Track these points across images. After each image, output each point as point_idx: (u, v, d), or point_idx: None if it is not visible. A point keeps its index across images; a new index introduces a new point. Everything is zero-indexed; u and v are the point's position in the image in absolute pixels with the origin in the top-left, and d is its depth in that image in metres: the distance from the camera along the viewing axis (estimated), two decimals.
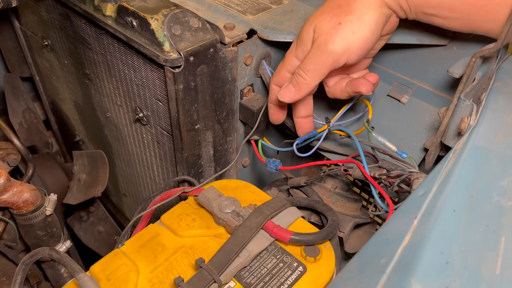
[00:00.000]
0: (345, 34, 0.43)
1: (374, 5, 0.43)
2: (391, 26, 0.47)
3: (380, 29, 0.44)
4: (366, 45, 0.44)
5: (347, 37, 0.43)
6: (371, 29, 0.43)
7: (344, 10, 0.43)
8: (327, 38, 0.44)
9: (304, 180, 0.60)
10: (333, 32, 0.43)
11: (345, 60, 0.45)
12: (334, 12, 0.44)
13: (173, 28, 0.50)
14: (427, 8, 0.43)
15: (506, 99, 0.42)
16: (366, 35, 0.43)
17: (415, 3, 0.43)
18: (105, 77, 0.68)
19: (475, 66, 0.43)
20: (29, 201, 0.60)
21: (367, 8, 0.43)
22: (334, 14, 0.43)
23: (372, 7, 0.43)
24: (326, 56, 0.44)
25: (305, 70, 0.46)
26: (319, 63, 0.45)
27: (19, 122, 0.92)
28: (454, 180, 0.36)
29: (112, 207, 0.99)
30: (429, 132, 0.54)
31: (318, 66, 0.45)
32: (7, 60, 0.98)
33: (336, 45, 0.43)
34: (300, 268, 0.45)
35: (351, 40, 0.43)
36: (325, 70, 0.45)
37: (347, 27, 0.43)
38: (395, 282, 0.29)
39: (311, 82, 0.46)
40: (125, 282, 0.44)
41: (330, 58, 0.44)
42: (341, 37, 0.43)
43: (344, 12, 0.43)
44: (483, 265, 0.30)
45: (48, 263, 0.71)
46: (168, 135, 0.61)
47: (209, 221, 0.51)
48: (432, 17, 0.44)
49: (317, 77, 0.46)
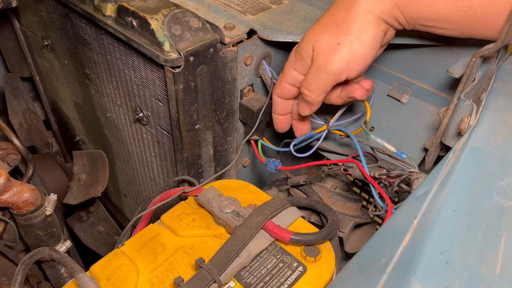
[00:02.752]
0: (344, 54, 0.44)
1: (371, 24, 0.43)
2: (388, 38, 0.48)
3: (378, 46, 0.45)
4: (365, 62, 0.45)
5: (346, 57, 0.44)
6: (369, 48, 0.44)
7: (342, 30, 0.44)
8: (327, 59, 0.45)
9: (303, 179, 0.60)
10: (333, 52, 0.44)
11: (345, 77, 0.46)
12: (333, 31, 0.44)
13: (173, 28, 0.50)
14: (424, 21, 0.43)
15: (506, 99, 0.42)
16: (365, 54, 0.44)
17: (412, 17, 0.43)
18: (105, 77, 0.68)
19: (475, 66, 0.43)
20: (29, 201, 0.60)
21: (365, 27, 0.43)
22: (333, 33, 0.44)
23: (369, 26, 0.43)
24: (327, 76, 0.46)
25: (309, 89, 0.48)
26: (321, 82, 0.46)
27: (19, 122, 0.92)
28: (454, 180, 0.36)
29: (112, 207, 0.99)
30: (429, 132, 0.54)
31: (321, 85, 0.47)
32: (7, 60, 0.98)
33: (336, 65, 0.45)
34: (300, 268, 0.45)
35: (350, 59, 0.44)
36: (327, 87, 0.47)
37: (346, 47, 0.44)
38: (395, 282, 0.29)
39: (317, 98, 0.49)
40: (125, 282, 0.44)
41: (331, 77, 0.46)
42: (341, 57, 0.44)
43: (343, 32, 0.44)
44: (483, 265, 0.30)
45: (48, 263, 0.71)
46: (168, 135, 0.61)
47: (209, 221, 0.51)
48: (431, 28, 0.44)
49: (322, 94, 0.48)
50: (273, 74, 0.59)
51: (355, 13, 0.43)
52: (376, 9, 0.43)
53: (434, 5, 0.41)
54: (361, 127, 0.55)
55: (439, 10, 0.42)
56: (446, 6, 0.41)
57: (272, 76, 0.59)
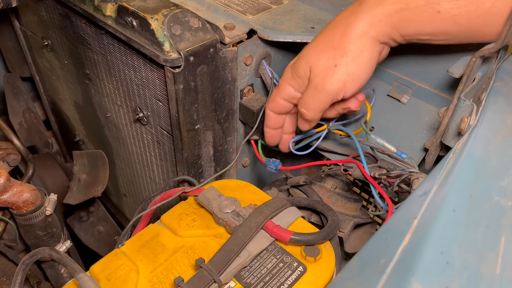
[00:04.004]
0: (341, 76, 0.45)
1: (367, 46, 0.44)
2: (384, 56, 0.48)
3: (373, 66, 0.46)
4: (361, 83, 0.46)
5: (343, 78, 0.45)
6: (365, 69, 0.45)
7: (339, 52, 0.45)
8: (324, 80, 0.46)
9: (303, 179, 0.60)
10: (330, 74, 0.46)
11: (342, 96, 0.47)
12: (329, 53, 0.45)
13: (173, 28, 0.50)
14: (421, 36, 0.44)
15: (506, 99, 0.42)
16: (361, 75, 0.46)
17: (409, 34, 0.44)
18: (105, 77, 0.68)
19: (475, 66, 0.43)
20: (29, 201, 0.60)
21: (361, 50, 0.44)
22: (330, 55, 0.45)
23: (365, 48, 0.44)
24: (324, 96, 0.47)
25: (307, 108, 0.49)
26: (319, 101, 0.48)
27: (19, 122, 0.92)
28: (454, 180, 0.36)
29: (112, 207, 0.99)
30: (429, 132, 0.54)
31: (319, 104, 0.48)
32: (7, 60, 0.98)
33: (334, 86, 0.46)
34: (300, 268, 0.45)
35: (347, 80, 0.45)
36: (325, 106, 0.49)
37: (342, 69, 0.45)
38: (395, 282, 0.29)
39: (315, 117, 0.50)
40: (125, 282, 0.44)
41: (328, 97, 0.47)
42: (338, 78, 0.45)
43: (339, 54, 0.45)
44: (483, 265, 0.30)
45: (48, 263, 0.71)
46: (168, 135, 0.61)
47: (209, 221, 0.51)
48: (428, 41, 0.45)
49: (319, 113, 0.50)
50: (273, 74, 0.59)
51: (351, 35, 0.44)
52: (371, 31, 0.44)
53: (432, 21, 0.42)
54: (361, 127, 0.55)
55: (437, 25, 0.42)
56: (444, 22, 0.41)
57: (272, 76, 0.59)
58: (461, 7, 0.40)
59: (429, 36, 0.43)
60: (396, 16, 0.42)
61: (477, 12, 0.40)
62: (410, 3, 0.41)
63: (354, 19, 0.44)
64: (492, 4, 0.39)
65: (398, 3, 0.42)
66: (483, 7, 0.39)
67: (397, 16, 0.42)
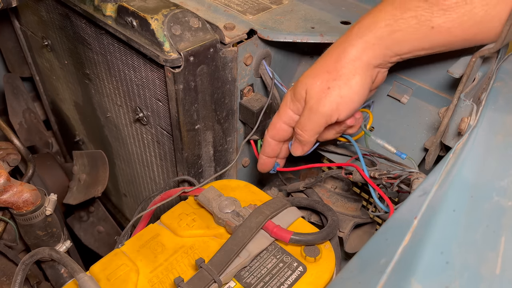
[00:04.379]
0: (334, 98, 0.46)
1: (360, 70, 0.45)
2: (380, 79, 0.49)
3: (366, 90, 0.47)
4: (354, 106, 0.47)
5: (335, 100, 0.47)
6: (358, 93, 0.46)
7: (332, 75, 0.46)
8: (318, 101, 0.47)
9: (302, 185, 0.60)
10: (323, 96, 0.47)
11: (336, 118, 0.48)
12: (324, 77, 0.47)
13: (173, 28, 0.50)
14: (419, 52, 0.44)
15: (506, 99, 0.42)
16: (353, 98, 0.46)
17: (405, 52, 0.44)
18: (105, 77, 0.68)
19: (475, 66, 0.43)
20: (29, 201, 0.60)
21: (353, 73, 0.45)
22: (324, 79, 0.47)
23: (358, 72, 0.45)
24: (319, 117, 0.48)
25: (303, 130, 0.50)
26: (314, 123, 0.49)
27: (19, 122, 0.92)
28: (454, 180, 0.36)
29: (112, 207, 0.99)
30: (429, 132, 0.54)
31: (314, 126, 0.49)
32: (7, 60, 0.98)
33: (327, 108, 0.47)
34: (300, 268, 0.45)
35: (339, 103, 0.47)
36: (320, 128, 0.50)
37: (335, 92, 0.46)
38: (395, 282, 0.29)
39: (310, 139, 0.51)
40: (125, 282, 0.44)
41: (322, 119, 0.48)
42: (330, 100, 0.47)
43: (332, 77, 0.46)
44: (483, 265, 0.30)
45: (48, 263, 0.71)
46: (168, 135, 0.61)
47: (209, 221, 0.51)
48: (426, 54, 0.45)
49: (314, 135, 0.51)
50: (273, 74, 0.59)
51: (345, 60, 0.45)
52: (364, 56, 0.45)
53: (427, 37, 0.42)
54: (362, 131, 0.55)
55: (433, 40, 0.42)
56: (439, 35, 0.41)
57: (272, 76, 0.59)
58: (454, 19, 0.40)
59: (426, 51, 0.44)
60: (389, 38, 0.43)
61: (471, 22, 0.40)
62: (402, 24, 0.42)
63: (348, 44, 0.46)
64: (485, 13, 0.39)
65: (389, 26, 0.43)
66: (476, 17, 0.39)
67: (390, 38, 0.43)
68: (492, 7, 0.39)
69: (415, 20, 0.41)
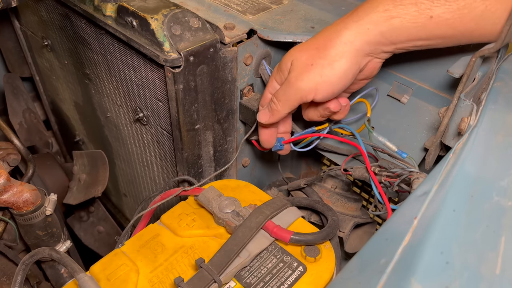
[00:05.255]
0: (314, 76, 0.46)
1: (348, 54, 0.44)
2: (370, 71, 0.48)
3: (350, 76, 0.46)
4: (332, 89, 0.46)
5: (315, 79, 0.46)
6: (339, 77, 0.45)
7: (319, 53, 0.45)
8: (297, 75, 0.47)
9: (304, 182, 0.60)
10: (305, 71, 0.46)
11: (312, 98, 0.47)
12: (311, 52, 0.46)
13: (173, 28, 0.50)
14: (415, 42, 0.43)
15: (506, 99, 0.42)
16: (333, 81, 0.45)
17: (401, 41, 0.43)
18: (105, 77, 0.68)
19: (475, 66, 0.43)
20: (29, 201, 0.60)
21: (340, 56, 0.44)
22: (310, 54, 0.46)
23: (345, 56, 0.44)
24: (294, 91, 0.47)
25: (277, 99, 0.50)
26: (288, 96, 0.48)
27: (19, 122, 0.92)
28: (454, 180, 0.36)
29: (112, 207, 0.99)
30: (429, 132, 0.54)
31: (287, 98, 0.48)
32: (7, 60, 0.98)
33: (304, 84, 0.46)
34: (300, 268, 0.45)
35: (318, 82, 0.46)
36: (294, 103, 0.49)
37: (316, 70, 0.45)
38: (395, 282, 0.29)
39: (281, 110, 0.50)
40: (125, 282, 0.44)
41: (298, 94, 0.47)
42: (310, 77, 0.46)
43: (318, 55, 0.45)
44: (483, 265, 0.30)
45: (48, 263, 0.71)
46: (168, 135, 0.61)
47: (209, 221, 0.51)
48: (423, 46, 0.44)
49: (287, 107, 0.50)
50: None
51: (336, 41, 0.45)
52: (356, 41, 0.44)
53: (425, 26, 0.41)
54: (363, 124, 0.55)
55: (431, 30, 0.42)
56: (438, 26, 0.41)
57: None
58: (453, 11, 0.40)
59: (423, 42, 0.43)
60: (385, 24, 0.42)
61: (470, 15, 0.39)
62: (400, 10, 0.41)
63: (343, 26, 0.45)
64: (485, 8, 0.39)
65: (388, 11, 0.42)
66: (476, 11, 0.39)
67: (387, 24, 0.42)
68: (493, 3, 0.38)
69: (415, 7, 0.41)
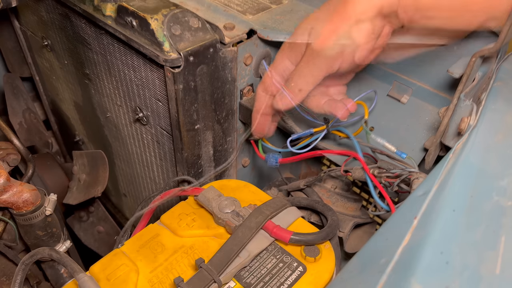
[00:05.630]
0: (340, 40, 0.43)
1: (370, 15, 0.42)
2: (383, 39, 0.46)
3: (374, 39, 0.44)
4: (359, 54, 0.44)
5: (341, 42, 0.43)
6: (366, 38, 0.43)
7: (340, 17, 0.42)
8: (322, 44, 0.43)
9: (303, 183, 0.60)
10: (329, 37, 0.43)
11: (338, 66, 0.44)
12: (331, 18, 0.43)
13: (173, 28, 0.50)
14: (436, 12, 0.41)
15: (506, 99, 0.42)
16: (361, 43, 0.43)
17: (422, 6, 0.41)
18: (105, 77, 0.68)
19: (475, 66, 0.43)
20: (29, 201, 0.60)
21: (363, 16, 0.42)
22: (330, 20, 0.43)
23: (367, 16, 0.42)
24: (321, 61, 0.44)
25: (301, 75, 0.46)
26: (314, 68, 0.45)
27: (19, 122, 0.92)
28: (454, 180, 0.36)
29: (112, 207, 0.99)
30: (429, 132, 0.54)
31: (313, 71, 0.45)
32: (7, 60, 0.98)
33: (331, 51, 0.43)
34: (300, 268, 0.45)
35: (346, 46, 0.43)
36: (320, 76, 0.45)
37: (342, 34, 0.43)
38: (395, 282, 0.29)
39: (306, 87, 0.46)
40: (125, 282, 0.44)
41: (324, 64, 0.44)
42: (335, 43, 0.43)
43: (340, 19, 0.42)
44: (483, 265, 0.30)
45: (48, 263, 0.71)
46: (168, 135, 0.61)
47: (209, 221, 0.51)
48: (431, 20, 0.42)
49: (312, 83, 0.46)
50: None
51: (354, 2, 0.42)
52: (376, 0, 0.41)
53: None
54: (361, 126, 0.55)
55: None
56: None
57: None
58: None
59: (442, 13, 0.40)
60: None
61: None
62: None
63: None
64: None
65: None
66: None
67: None
68: None
69: None
